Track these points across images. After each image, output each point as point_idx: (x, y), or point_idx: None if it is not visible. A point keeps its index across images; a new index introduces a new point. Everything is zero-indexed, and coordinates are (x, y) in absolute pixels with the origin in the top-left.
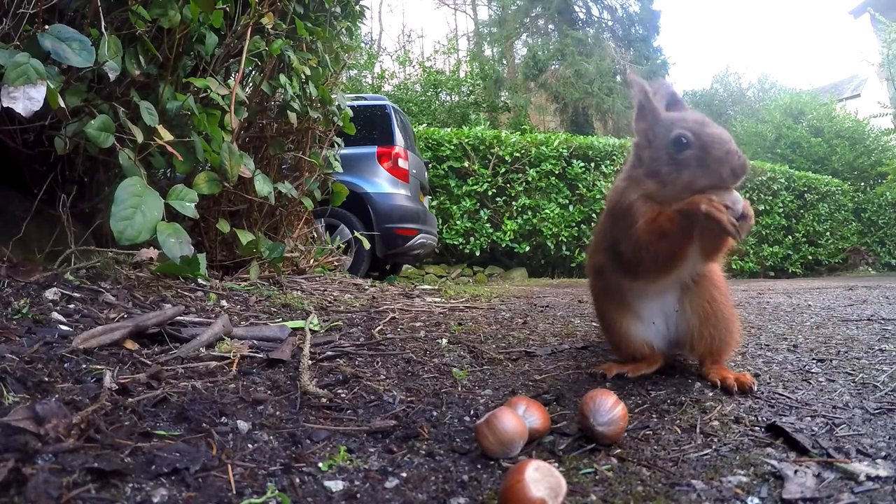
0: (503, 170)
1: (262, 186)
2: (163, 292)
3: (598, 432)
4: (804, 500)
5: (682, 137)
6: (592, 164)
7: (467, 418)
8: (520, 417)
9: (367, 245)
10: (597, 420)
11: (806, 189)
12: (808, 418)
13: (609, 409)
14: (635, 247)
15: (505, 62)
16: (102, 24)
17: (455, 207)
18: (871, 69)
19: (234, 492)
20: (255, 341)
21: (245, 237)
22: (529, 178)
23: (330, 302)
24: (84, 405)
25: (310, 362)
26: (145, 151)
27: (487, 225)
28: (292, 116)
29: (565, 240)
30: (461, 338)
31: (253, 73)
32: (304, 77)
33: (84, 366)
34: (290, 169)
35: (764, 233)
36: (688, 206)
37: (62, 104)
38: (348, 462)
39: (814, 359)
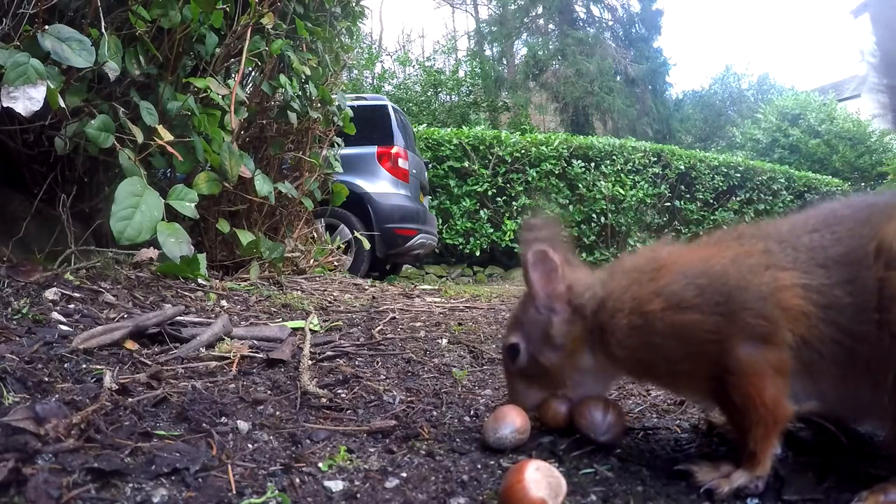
0: (503, 170)
1: (262, 186)
2: (163, 292)
3: (603, 442)
4: (804, 500)
5: None
6: (592, 164)
7: (467, 418)
8: (522, 412)
9: (367, 245)
10: (598, 433)
11: (806, 189)
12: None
13: (602, 418)
14: None
15: (505, 62)
16: (102, 24)
17: (455, 207)
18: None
19: (234, 492)
20: (255, 341)
21: (245, 237)
22: (529, 178)
23: (330, 302)
24: (84, 405)
25: (310, 362)
26: (145, 151)
27: (487, 225)
28: (292, 116)
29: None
30: (461, 338)
31: (253, 73)
32: (304, 77)
33: (84, 366)
34: (290, 169)
35: None
36: None
37: (62, 104)
38: (348, 462)
39: None
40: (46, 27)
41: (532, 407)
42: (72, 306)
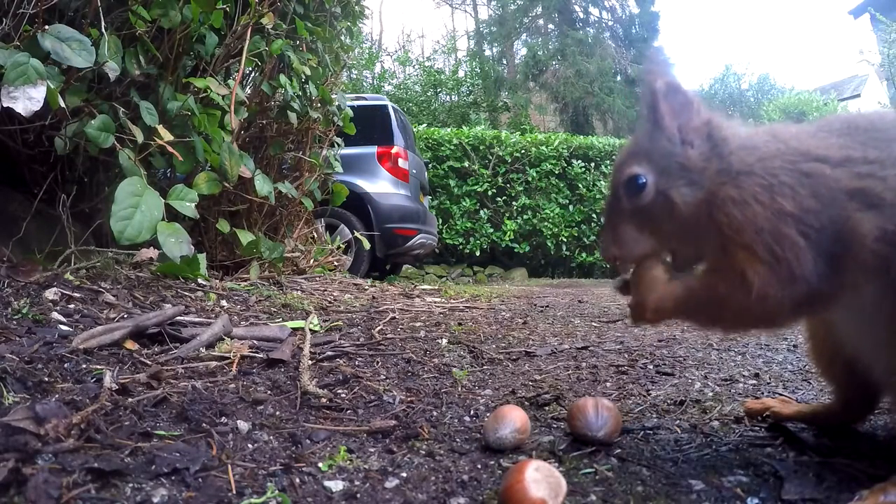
0: (503, 170)
1: (262, 186)
2: (163, 292)
3: (600, 439)
4: (804, 500)
5: None
6: (592, 164)
7: (467, 418)
8: (522, 412)
9: (367, 245)
10: (593, 430)
11: None
12: None
13: (595, 416)
14: None
15: (505, 62)
16: (102, 24)
17: (455, 207)
18: (871, 69)
19: (234, 492)
20: (255, 341)
21: (245, 237)
22: (529, 178)
23: (330, 302)
24: (84, 405)
25: (310, 362)
26: (145, 151)
27: (487, 225)
28: (292, 116)
29: (565, 240)
30: (461, 338)
31: (253, 73)
32: (304, 77)
33: (84, 366)
34: (290, 169)
35: None
36: None
37: (62, 104)
38: (348, 462)
39: None
40: (46, 27)
41: (635, 257)
42: (72, 306)
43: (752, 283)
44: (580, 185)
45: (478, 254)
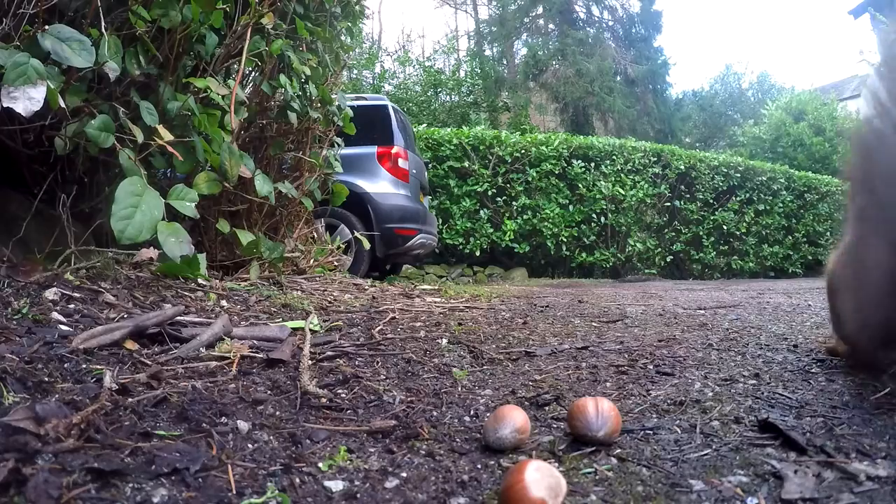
0: (503, 170)
1: (262, 186)
2: (163, 292)
3: (601, 438)
4: (804, 500)
5: None
6: (592, 164)
7: (467, 418)
8: (523, 412)
9: (367, 245)
10: (594, 430)
11: (806, 189)
12: (809, 418)
13: (595, 415)
14: None
15: (505, 62)
16: (102, 24)
17: (455, 207)
18: (870, 69)
19: (234, 492)
20: (255, 341)
21: (245, 237)
22: (529, 178)
23: (330, 302)
24: (84, 405)
25: (310, 362)
26: (145, 151)
27: (487, 225)
28: (292, 116)
29: (565, 240)
30: (461, 338)
31: (253, 73)
32: (304, 77)
33: (84, 366)
34: (290, 169)
35: (764, 233)
36: None
37: (62, 104)
38: (348, 462)
39: (814, 359)
40: (46, 27)
41: None
42: (72, 306)
43: None
44: (580, 185)
45: (478, 254)
